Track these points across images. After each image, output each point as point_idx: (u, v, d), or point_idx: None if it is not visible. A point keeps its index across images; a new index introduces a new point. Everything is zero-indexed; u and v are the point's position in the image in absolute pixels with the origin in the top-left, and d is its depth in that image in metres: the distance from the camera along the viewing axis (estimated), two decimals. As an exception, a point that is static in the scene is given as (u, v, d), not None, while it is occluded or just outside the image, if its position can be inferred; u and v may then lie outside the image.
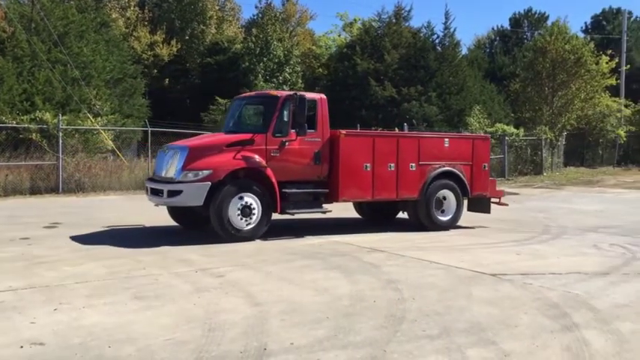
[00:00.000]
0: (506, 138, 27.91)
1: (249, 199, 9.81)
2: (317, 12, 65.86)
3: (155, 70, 34.78)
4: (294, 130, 10.21)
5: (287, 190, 10.18)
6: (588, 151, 37.91)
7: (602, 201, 18.67)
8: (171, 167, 9.99)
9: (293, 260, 8.40)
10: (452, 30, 36.84)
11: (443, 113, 31.06)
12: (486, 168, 12.35)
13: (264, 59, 32.48)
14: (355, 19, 45.53)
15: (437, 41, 36.22)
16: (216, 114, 27.69)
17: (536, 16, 51.10)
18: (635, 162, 37.56)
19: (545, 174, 29.44)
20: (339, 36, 45.18)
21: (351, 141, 10.91)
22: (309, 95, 10.91)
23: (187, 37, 38.00)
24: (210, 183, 9.55)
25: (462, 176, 11.88)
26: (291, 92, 10.65)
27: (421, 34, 34.95)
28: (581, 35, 41.12)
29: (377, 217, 12.90)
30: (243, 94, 13.15)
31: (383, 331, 5.20)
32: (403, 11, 35.53)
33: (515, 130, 29.28)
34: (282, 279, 7.21)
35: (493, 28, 54.43)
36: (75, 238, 9.95)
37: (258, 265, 8.02)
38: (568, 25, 34.33)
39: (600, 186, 24.90)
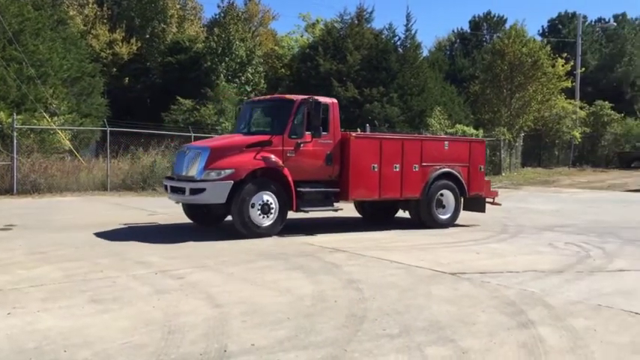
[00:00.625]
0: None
1: (268, 197, 10.33)
2: (279, 12, 65.76)
3: (114, 69, 34.19)
4: (308, 132, 10.74)
5: (301, 189, 10.67)
6: (545, 151, 38.84)
7: (557, 200, 19.16)
8: (193, 167, 10.40)
9: (255, 261, 8.36)
10: (413, 32, 37.34)
11: (404, 114, 31.38)
12: (482, 169, 13.01)
13: (227, 59, 32.25)
14: (318, 20, 45.62)
15: (398, 43, 36.64)
16: (177, 114, 27.40)
17: (495, 19, 52.18)
18: (590, 162, 38.65)
19: (503, 174, 30.03)
20: (302, 36, 45.17)
21: (360, 143, 11.39)
22: (323, 99, 11.24)
23: (148, 36, 37.47)
24: (232, 182, 10.01)
25: (460, 177, 12.48)
26: (307, 96, 11.10)
27: (383, 36, 35.27)
28: (538, 38, 42.09)
29: (378, 216, 13.30)
30: (257, 98, 13.73)
31: (344, 331, 5.22)
32: (365, 13, 35.79)
33: (474, 131, 29.81)
34: (243, 280, 7.17)
35: (453, 31, 55.42)
36: (30, 241, 9.70)
37: (219, 266, 7.96)
38: (525, 29, 35.12)
39: (556, 186, 25.55)
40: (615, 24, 51.73)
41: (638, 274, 7.88)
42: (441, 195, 12.33)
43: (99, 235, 10.49)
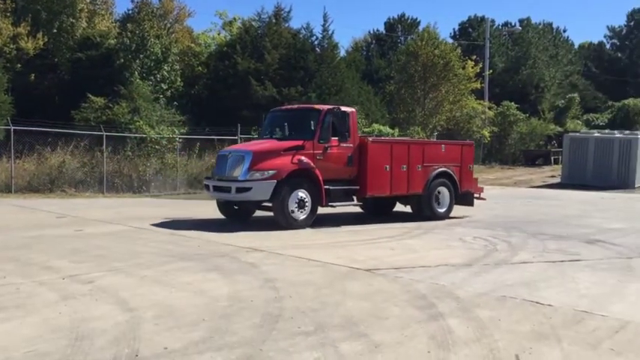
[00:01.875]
0: (382, 138, 29.01)
1: (303, 194, 11.76)
2: (195, 9, 64.68)
3: (19, 65, 32.35)
4: (334, 138, 12.27)
5: (329, 187, 12.11)
6: (457, 150, 40.19)
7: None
8: (236, 168, 11.77)
9: (170, 262, 8.19)
10: (330, 32, 37.67)
11: (323, 113, 31.65)
12: (471, 168, 14.85)
13: (141, 56, 31.30)
14: (235, 18, 45.12)
15: (316, 43, 36.86)
16: (88, 112, 26.29)
17: (409, 21, 53.59)
18: (498, 160, 40.45)
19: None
20: (219, 34, 44.57)
21: (376, 147, 12.98)
22: (345, 109, 12.97)
23: (55, 31, 35.69)
24: (276, 181, 11.41)
25: (454, 175, 14.15)
26: (332, 106, 12.82)
27: (301, 36, 35.39)
28: (450, 41, 43.60)
29: (379, 211, 14.36)
30: (284, 107, 15.41)
31: (259, 330, 5.22)
32: (283, 12, 35.79)
33: (390, 131, 30.49)
34: (157, 282, 7.00)
35: (369, 32, 56.42)
36: None
37: (132, 269, 7.74)
38: (437, 31, 36.28)
39: (467, 183, 26.54)
40: (520, 28, 54.44)
41: (540, 265, 8.35)
42: (439, 192, 13.93)
43: (1, 239, 9.92)
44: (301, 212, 11.78)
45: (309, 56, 33.10)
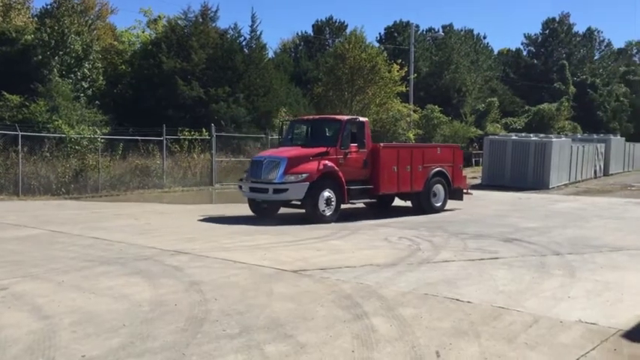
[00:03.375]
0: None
1: (329, 193, 13.40)
2: (118, 6, 62.65)
3: None
4: (353, 144, 14.07)
5: (349, 187, 13.82)
6: (383, 152, 40.91)
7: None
8: (272, 172, 13.36)
9: (89, 267, 7.91)
10: (258, 33, 37.49)
11: (251, 114, 31.45)
12: (461, 168, 16.78)
13: (60, 53, 30.03)
14: (160, 16, 44.06)
15: (244, 43, 36.59)
16: (3, 110, 24.97)
17: (337, 24, 54.14)
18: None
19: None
20: (144, 32, 43.45)
21: (386, 151, 14.82)
22: (362, 119, 15.25)
23: (-34, 24, 33.72)
24: (308, 183, 13.04)
25: (448, 174, 16.00)
26: (352, 117, 15.36)
27: (228, 36, 35.04)
28: (376, 45, 44.35)
29: (381, 206, 15.66)
30: (306, 117, 17.66)
31: (183, 335, 5.12)
32: (210, 11, 35.29)
33: (318, 132, 30.67)
34: (76, 288, 6.75)
35: (298, 34, 56.59)
36: None
37: (49, 274, 7.42)
38: (364, 35, 36.79)
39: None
40: (443, 34, 56.13)
41: (461, 263, 8.62)
42: (436, 188, 15.74)
43: None
44: (328, 209, 13.39)
45: (237, 57, 32.81)
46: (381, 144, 15.32)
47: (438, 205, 15.85)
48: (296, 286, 7.03)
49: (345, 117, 14.96)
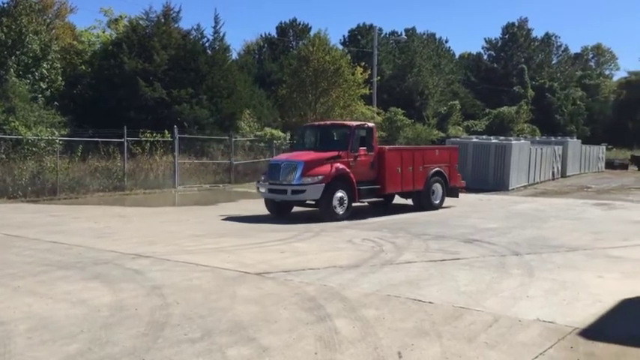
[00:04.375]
0: (275, 142, 29.15)
1: (342, 193, 14.35)
2: (78, 5, 61.28)
3: None
4: (362, 148, 15.05)
5: (359, 187, 14.79)
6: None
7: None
8: (290, 175, 14.24)
9: (47, 272, 7.72)
10: (222, 34, 37.23)
11: (214, 116, 31.17)
12: (456, 168, 18.09)
13: (17, 52, 29.27)
14: (121, 16, 43.29)
15: (207, 45, 36.26)
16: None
17: (301, 26, 54.15)
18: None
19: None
20: (104, 32, 42.67)
21: (391, 154, 15.93)
22: (370, 124, 16.61)
23: None
24: (324, 184, 13.96)
25: (445, 173, 17.27)
26: (361, 122, 16.83)
27: (191, 37, 34.66)
28: (340, 47, 44.53)
29: (381, 204, 16.45)
30: (317, 123, 18.64)
31: (143, 339, 5.04)
32: (172, 12, 34.78)
33: (282, 134, 30.66)
34: (32, 293, 6.58)
35: (261, 35, 56.40)
36: None
37: (3, 279, 7.22)
38: (328, 37, 36.91)
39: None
40: (406, 37, 56.72)
41: (423, 265, 8.71)
42: (434, 187, 16.92)
43: None
44: (341, 208, 14.33)
45: (199, 58, 32.47)
46: (387, 147, 16.49)
47: (437, 202, 17.06)
48: (259, 288, 7.00)
49: (355, 123, 16.30)
